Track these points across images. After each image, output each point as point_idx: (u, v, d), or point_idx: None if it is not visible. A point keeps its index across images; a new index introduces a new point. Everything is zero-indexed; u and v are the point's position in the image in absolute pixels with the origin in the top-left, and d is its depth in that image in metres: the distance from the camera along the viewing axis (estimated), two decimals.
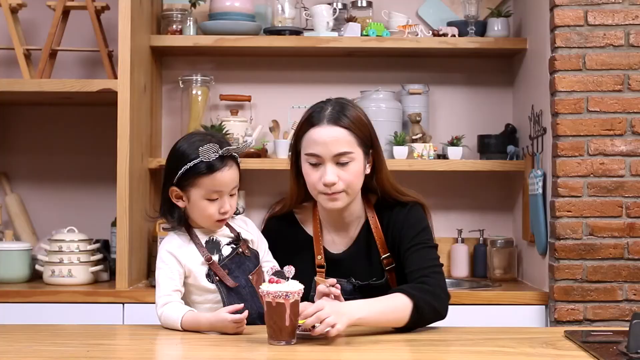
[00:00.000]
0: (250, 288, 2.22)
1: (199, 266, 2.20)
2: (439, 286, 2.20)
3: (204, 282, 2.20)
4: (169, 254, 2.21)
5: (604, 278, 2.93)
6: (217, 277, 2.19)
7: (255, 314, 2.20)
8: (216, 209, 2.18)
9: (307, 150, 2.23)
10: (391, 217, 2.32)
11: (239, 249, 2.24)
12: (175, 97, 3.69)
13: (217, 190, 2.17)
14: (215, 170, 2.15)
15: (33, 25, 3.65)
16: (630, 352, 1.81)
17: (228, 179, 2.17)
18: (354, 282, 2.30)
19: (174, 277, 2.19)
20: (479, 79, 3.73)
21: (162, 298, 2.17)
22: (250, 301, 2.20)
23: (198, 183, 2.16)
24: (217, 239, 2.25)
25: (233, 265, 2.22)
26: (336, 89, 3.54)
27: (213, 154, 2.14)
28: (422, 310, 2.11)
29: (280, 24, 3.53)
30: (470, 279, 3.51)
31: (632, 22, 2.95)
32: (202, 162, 2.14)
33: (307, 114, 2.26)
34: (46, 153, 3.70)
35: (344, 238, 2.35)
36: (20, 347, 1.99)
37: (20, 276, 3.29)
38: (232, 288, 2.20)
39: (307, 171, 2.25)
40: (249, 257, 2.25)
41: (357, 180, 2.24)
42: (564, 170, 2.95)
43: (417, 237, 2.28)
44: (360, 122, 2.24)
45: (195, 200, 2.18)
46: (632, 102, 2.95)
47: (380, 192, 2.33)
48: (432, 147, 3.46)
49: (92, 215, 3.60)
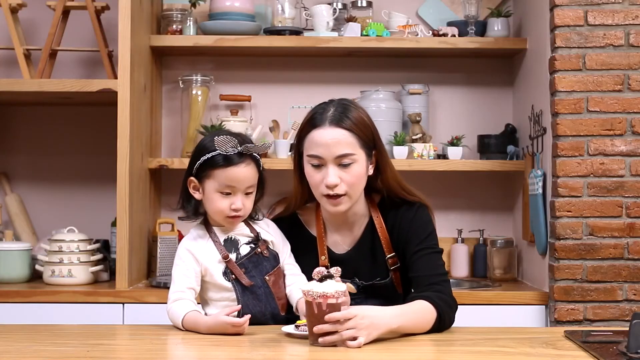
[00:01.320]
0: (266, 288, 2.22)
1: (216, 264, 2.21)
2: (452, 297, 2.23)
3: (220, 280, 2.20)
4: (187, 252, 2.22)
5: (604, 278, 2.93)
6: (233, 276, 2.20)
7: (269, 314, 2.21)
8: (227, 205, 2.18)
9: (309, 152, 2.23)
10: (397, 217, 2.32)
11: (258, 248, 2.25)
12: (175, 97, 3.69)
13: (230, 184, 2.17)
14: (231, 164, 2.16)
15: (33, 25, 3.65)
16: (630, 352, 1.81)
17: (242, 176, 2.18)
18: (358, 282, 2.30)
19: (189, 275, 2.20)
20: (479, 79, 3.73)
21: (174, 294, 2.19)
22: (265, 301, 2.21)
23: (213, 175, 2.18)
24: (236, 237, 2.25)
25: (250, 264, 2.22)
26: (336, 89, 3.55)
27: (231, 148, 2.16)
28: (444, 320, 2.15)
29: (280, 24, 3.53)
30: (470, 279, 3.51)
31: (632, 22, 2.95)
32: (220, 155, 2.16)
33: (310, 115, 2.26)
34: (46, 153, 3.70)
35: (347, 238, 2.35)
36: (20, 347, 1.99)
37: (20, 276, 3.29)
38: (248, 287, 2.20)
39: (310, 172, 2.25)
40: (267, 257, 2.25)
41: (359, 181, 2.24)
42: (564, 170, 2.95)
43: (424, 241, 2.28)
44: (362, 123, 2.24)
45: (209, 193, 2.19)
46: (632, 102, 2.95)
47: (387, 192, 2.33)
48: (432, 147, 3.46)
49: (92, 215, 3.60)
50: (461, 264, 3.57)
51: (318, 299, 1.93)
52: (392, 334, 2.03)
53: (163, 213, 3.64)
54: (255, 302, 2.20)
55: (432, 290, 2.19)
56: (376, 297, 2.30)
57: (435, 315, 2.13)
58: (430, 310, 2.12)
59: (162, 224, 3.44)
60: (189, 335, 2.11)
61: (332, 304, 1.93)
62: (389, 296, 2.30)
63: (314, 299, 1.93)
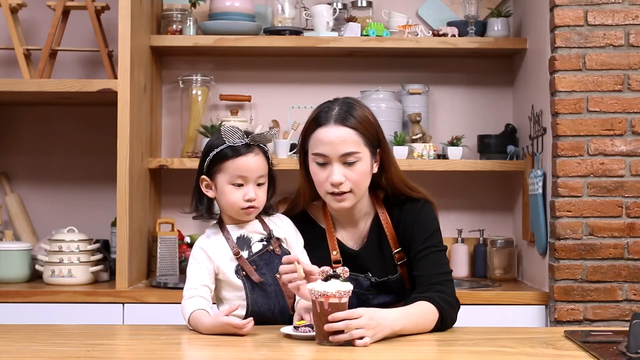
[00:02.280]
0: (277, 286, 2.22)
1: (229, 262, 2.22)
2: (454, 296, 2.24)
3: (232, 278, 2.21)
4: (201, 250, 2.24)
5: (604, 278, 2.93)
6: (244, 272, 2.21)
7: (278, 312, 2.21)
8: (241, 196, 2.20)
9: (314, 150, 2.24)
10: (402, 213, 2.33)
11: (270, 246, 2.25)
12: (175, 97, 3.69)
13: (241, 175, 2.19)
14: (239, 154, 2.19)
15: (33, 25, 3.65)
16: (630, 352, 1.81)
17: (252, 165, 2.20)
18: (372, 278, 2.31)
19: (202, 273, 2.21)
20: (479, 79, 3.73)
21: (187, 292, 2.20)
22: (275, 299, 2.21)
23: (223, 168, 2.20)
24: (249, 235, 2.26)
25: (262, 262, 2.23)
26: (336, 89, 3.54)
27: (238, 139, 2.19)
28: (445, 320, 2.17)
29: (280, 24, 3.53)
30: (470, 279, 3.51)
31: (632, 22, 2.95)
32: (228, 147, 2.19)
33: (315, 114, 2.27)
34: (46, 153, 3.70)
35: (355, 235, 2.36)
36: (20, 347, 1.99)
37: (20, 276, 3.29)
38: (257, 284, 2.20)
39: (315, 171, 2.25)
40: (279, 255, 2.25)
41: (364, 180, 2.25)
42: (564, 170, 2.95)
43: (429, 239, 2.29)
44: (367, 121, 2.25)
45: (222, 187, 2.21)
46: (632, 102, 2.95)
47: (391, 190, 2.34)
48: (432, 147, 3.46)
49: (92, 215, 3.60)
50: (461, 264, 3.57)
51: (320, 298, 1.94)
52: (390, 334, 2.03)
53: (163, 213, 3.64)
54: (264, 300, 2.20)
55: (435, 290, 2.20)
56: (387, 292, 2.31)
57: (437, 316, 2.14)
58: (432, 312, 2.14)
59: (162, 224, 3.44)
60: (189, 335, 2.12)
61: (334, 303, 1.94)
62: (399, 292, 2.32)
63: (316, 298, 1.94)
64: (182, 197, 2.33)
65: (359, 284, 2.26)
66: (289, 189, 2.42)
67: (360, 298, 2.27)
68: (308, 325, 2.05)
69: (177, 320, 2.31)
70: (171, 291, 3.08)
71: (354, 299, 2.16)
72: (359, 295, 2.26)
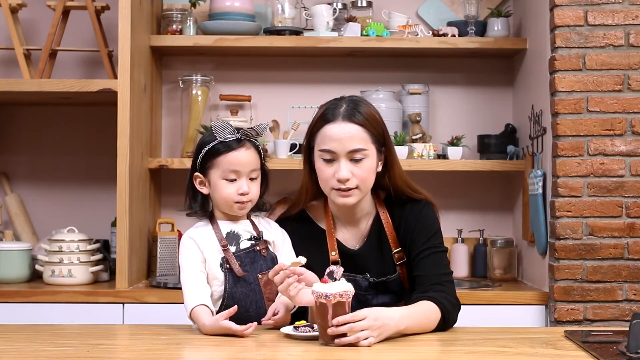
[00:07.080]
0: (257, 286, 2.23)
1: (215, 253, 2.24)
2: (455, 297, 2.26)
3: (215, 270, 2.23)
4: (190, 239, 2.26)
5: (604, 278, 2.93)
6: (227, 265, 2.22)
7: (254, 312, 2.21)
8: (234, 190, 2.22)
9: (321, 147, 2.25)
10: (403, 213, 2.34)
11: (257, 246, 2.27)
12: (175, 97, 3.69)
13: (234, 169, 2.22)
14: (231, 149, 2.22)
15: (33, 25, 3.65)
16: (630, 352, 1.81)
17: (244, 159, 2.22)
18: (370, 278, 2.31)
19: (195, 259, 2.23)
20: (479, 79, 3.73)
21: (186, 280, 2.21)
22: (252, 297, 2.22)
23: (216, 163, 2.22)
24: (238, 232, 2.27)
25: (247, 259, 2.24)
26: (336, 89, 3.54)
27: (229, 134, 2.22)
28: (447, 320, 2.18)
29: (280, 24, 3.53)
30: (470, 279, 3.51)
31: (632, 22, 2.95)
32: (220, 142, 2.21)
33: (322, 111, 2.28)
34: (46, 153, 3.70)
35: (355, 234, 2.37)
36: (20, 347, 1.99)
37: (20, 276, 3.29)
38: (238, 280, 2.21)
39: (321, 167, 2.26)
40: (264, 257, 2.26)
41: (370, 177, 2.26)
42: (564, 170, 2.95)
43: (430, 240, 2.30)
44: (374, 119, 2.26)
45: (215, 182, 2.24)
46: (632, 102, 2.95)
47: (393, 189, 2.35)
48: (432, 147, 3.46)
49: (92, 215, 3.60)
50: (461, 264, 3.57)
51: (322, 299, 1.94)
52: (395, 333, 2.03)
53: (163, 213, 3.64)
54: (241, 297, 2.21)
55: (436, 290, 2.21)
56: (386, 292, 2.32)
57: (440, 316, 2.15)
58: (434, 311, 2.15)
59: (162, 224, 3.44)
60: (189, 335, 2.12)
61: (337, 304, 1.94)
62: (398, 291, 2.33)
63: (318, 299, 1.95)
64: (182, 197, 2.33)
65: (357, 285, 2.26)
66: (289, 189, 2.42)
67: (359, 299, 2.27)
68: (308, 325, 2.05)
69: (177, 320, 2.31)
70: (171, 291, 3.07)
71: (354, 299, 2.16)
72: (358, 295, 2.26)
